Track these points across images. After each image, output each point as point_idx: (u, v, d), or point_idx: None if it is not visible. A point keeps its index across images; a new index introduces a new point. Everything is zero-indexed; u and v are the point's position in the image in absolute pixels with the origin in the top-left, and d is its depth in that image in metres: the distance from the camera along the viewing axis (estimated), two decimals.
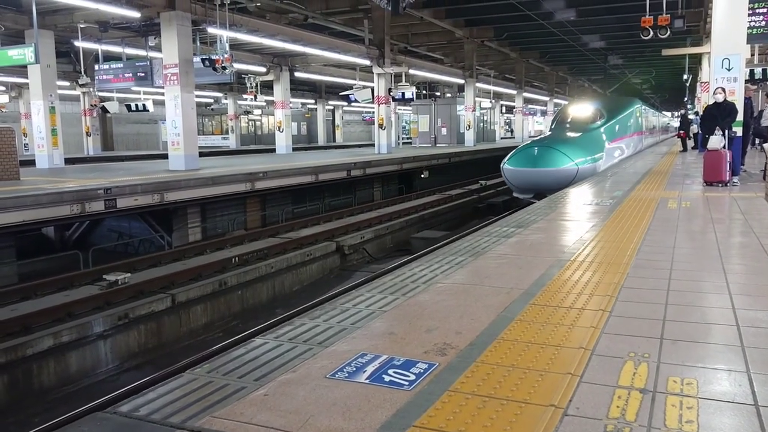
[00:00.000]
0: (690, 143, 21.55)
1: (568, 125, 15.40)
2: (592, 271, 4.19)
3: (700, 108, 20.21)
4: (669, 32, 11.42)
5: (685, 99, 34.14)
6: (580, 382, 2.42)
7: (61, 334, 6.63)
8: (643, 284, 3.87)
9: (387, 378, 2.49)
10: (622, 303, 3.48)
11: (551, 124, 17.11)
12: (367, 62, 21.62)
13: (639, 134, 19.32)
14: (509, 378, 2.46)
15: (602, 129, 15.02)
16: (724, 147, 9.26)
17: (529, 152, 13.19)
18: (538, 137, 16.92)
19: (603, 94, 39.35)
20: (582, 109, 16.21)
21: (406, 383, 2.43)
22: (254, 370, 2.62)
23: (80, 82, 21.34)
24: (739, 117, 9.87)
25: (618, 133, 15.85)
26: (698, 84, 24.70)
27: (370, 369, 2.58)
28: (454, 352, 2.75)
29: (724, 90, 9.64)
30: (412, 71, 23.60)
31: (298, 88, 36.60)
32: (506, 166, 13.25)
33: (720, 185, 9.26)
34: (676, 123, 54.97)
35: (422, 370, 2.55)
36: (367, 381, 2.47)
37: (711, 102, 9.87)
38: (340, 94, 27.28)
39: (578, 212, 7.00)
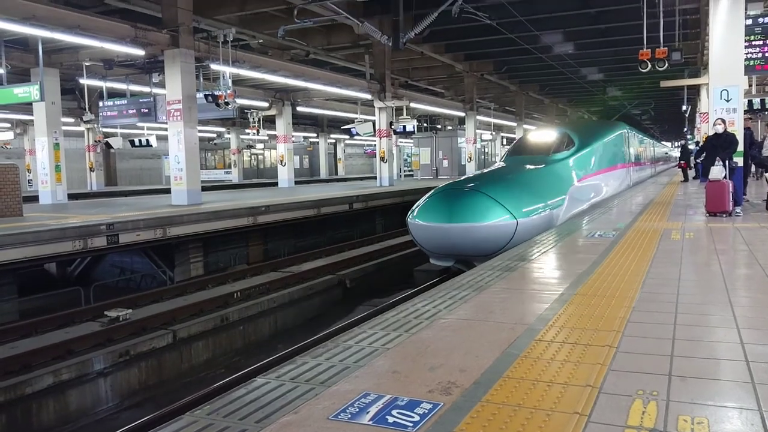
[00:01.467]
0: (691, 173, 21.61)
1: (520, 159, 11.64)
2: (597, 305, 4.15)
3: (700, 138, 20.32)
4: (667, 65, 11.55)
5: (685, 129, 34.35)
6: (588, 422, 2.36)
7: (61, 372, 6.56)
8: (649, 318, 3.82)
9: (391, 419, 2.43)
10: (628, 338, 3.43)
11: (501, 158, 13.09)
12: (368, 96, 21.85)
13: (625, 167, 15.36)
14: (515, 418, 2.41)
15: (568, 162, 11.20)
16: (725, 177, 9.27)
17: (445, 199, 8.92)
18: (472, 175, 11.78)
19: (589, 119, 38.19)
20: (543, 136, 12.47)
21: (411, 424, 2.38)
22: (256, 412, 2.57)
23: (84, 119, 21.57)
24: (740, 147, 9.91)
25: (593, 167, 12.01)
26: (697, 114, 24.87)
27: (373, 410, 2.53)
28: (459, 391, 2.69)
29: (723, 121, 9.69)
30: (413, 104, 23.83)
31: (300, 121, 36.93)
32: (412, 219, 8.99)
33: (723, 215, 9.24)
34: (675, 153, 55.27)
35: (426, 411, 2.50)
36: (370, 422, 2.41)
37: (711, 133, 9.91)
38: (342, 127, 27.49)
39: (581, 244, 6.97)
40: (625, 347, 3.28)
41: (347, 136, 32.19)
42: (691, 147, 24.65)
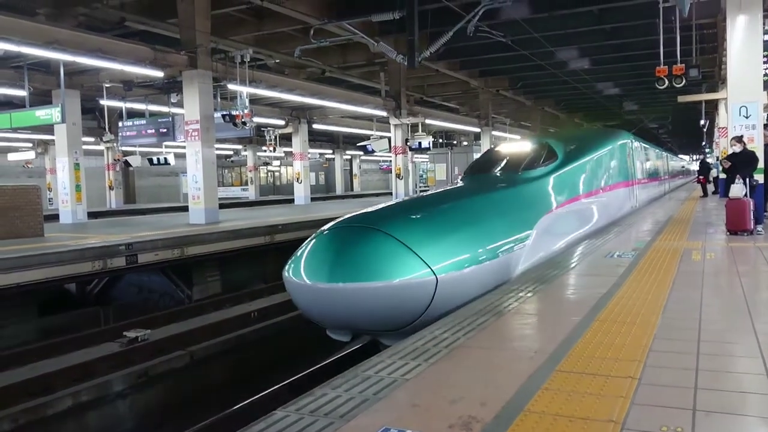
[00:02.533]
0: (710, 188, 21.38)
1: (479, 178, 9.11)
2: (617, 333, 4.10)
3: (718, 152, 20.13)
4: (684, 81, 11.48)
5: (703, 143, 34.04)
6: None
7: (81, 394, 6.60)
8: (671, 347, 3.77)
9: None
10: (651, 368, 3.38)
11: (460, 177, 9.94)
12: (384, 114, 21.96)
13: (628, 185, 12.49)
14: None
15: (545, 181, 8.56)
16: (745, 195, 9.16)
17: (329, 243, 5.96)
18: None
19: (586, 127, 35.42)
20: (516, 147, 10.06)
21: None
22: None
23: (104, 139, 21.91)
24: (761, 164, 9.81)
25: (581, 187, 9.37)
26: (716, 129, 24.66)
27: None
28: (479, 426, 2.67)
29: (740, 139, 9.60)
30: (428, 121, 23.90)
31: (316, 138, 37.19)
32: (287, 275, 5.94)
33: (744, 234, 9.11)
34: (694, 166, 54.73)
35: None
36: None
37: (729, 152, 9.82)
38: (358, 144, 27.63)
39: (601, 266, 6.91)
40: (647, 379, 3.23)
41: (363, 153, 32.35)
42: (710, 161, 24.42)
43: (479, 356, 3.71)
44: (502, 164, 9.25)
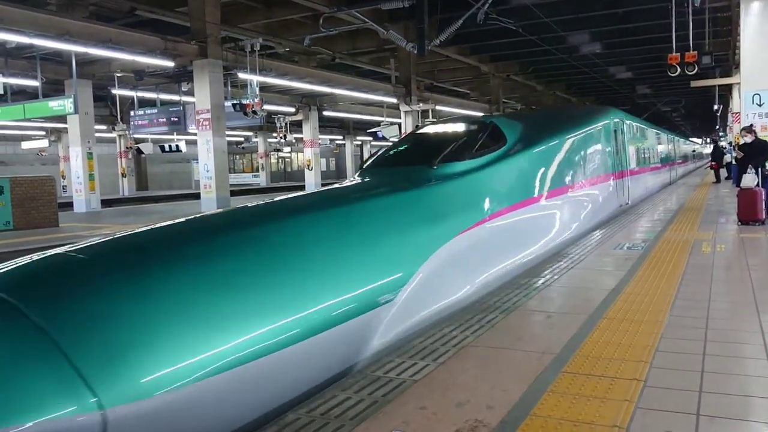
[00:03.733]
0: (723, 173, 21.23)
1: (381, 172, 6.53)
2: (624, 331, 4.14)
3: (732, 137, 19.94)
4: (696, 68, 11.36)
5: (717, 127, 33.70)
6: None
7: None
8: (678, 347, 3.80)
9: None
10: (656, 370, 3.42)
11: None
12: (394, 100, 21.92)
13: (616, 177, 10.14)
14: None
15: (473, 178, 6.09)
16: (757, 185, 9.12)
17: None
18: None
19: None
20: (447, 128, 7.51)
21: None
22: None
23: (116, 128, 22.07)
24: None
25: (536, 185, 7.08)
26: (729, 113, 24.40)
27: None
28: (486, 431, 2.73)
29: (751, 129, 9.53)
30: (438, 107, 23.83)
31: (326, 125, 37.17)
32: None
33: (756, 224, 9.08)
34: (707, 149, 54.20)
35: None
36: None
37: (741, 142, 9.76)
38: (368, 131, 27.62)
39: (610, 258, 6.93)
40: (653, 381, 3.27)
41: (372, 138, 32.31)
42: (722, 144, 24.19)
43: (487, 356, 3.76)
44: (418, 154, 6.72)
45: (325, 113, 25.61)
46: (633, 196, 11.51)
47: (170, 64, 13.97)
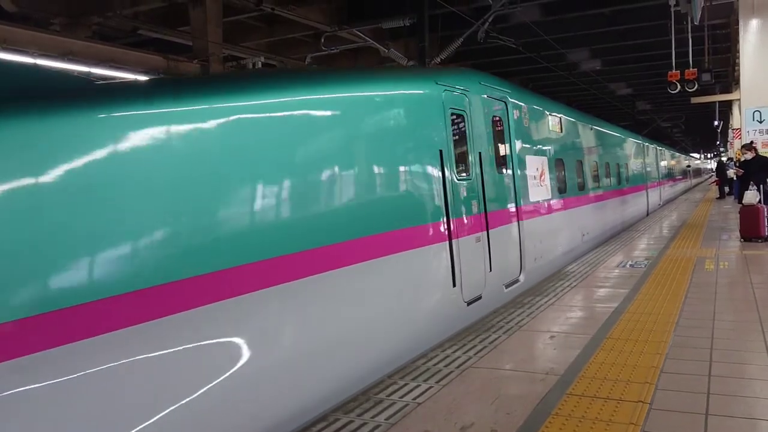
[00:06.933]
0: (726, 189, 21.23)
1: None
2: (629, 352, 4.11)
3: (732, 153, 19.98)
4: (696, 86, 11.41)
5: (717, 143, 33.78)
6: None
7: None
8: (683, 368, 3.77)
9: None
10: (661, 392, 3.39)
11: None
12: None
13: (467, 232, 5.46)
14: None
15: None
16: (759, 201, 9.11)
17: None
18: None
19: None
20: None
21: None
22: None
23: None
24: None
25: None
26: (729, 129, 24.47)
27: None
28: None
29: (752, 146, 9.55)
30: None
31: None
32: None
33: (758, 240, 9.05)
34: (708, 165, 54.18)
35: None
36: None
37: (742, 160, 9.77)
38: None
39: (613, 276, 6.90)
40: (658, 403, 3.24)
41: None
42: (724, 159, 24.23)
43: (490, 377, 3.73)
44: None
45: None
46: (529, 280, 6.51)
47: None
